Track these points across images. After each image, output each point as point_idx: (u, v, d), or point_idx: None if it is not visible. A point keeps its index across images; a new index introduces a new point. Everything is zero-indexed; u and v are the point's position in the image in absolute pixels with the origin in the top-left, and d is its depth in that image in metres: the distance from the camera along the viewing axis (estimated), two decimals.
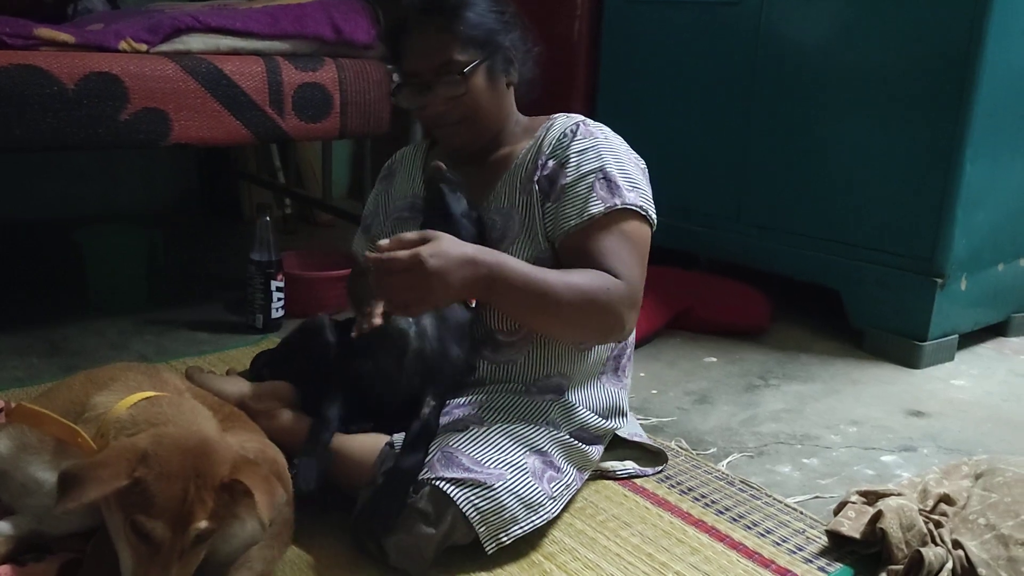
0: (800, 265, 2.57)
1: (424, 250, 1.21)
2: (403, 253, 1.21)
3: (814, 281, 2.56)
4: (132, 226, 2.72)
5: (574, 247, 1.46)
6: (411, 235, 1.25)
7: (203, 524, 1.05)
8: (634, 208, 1.46)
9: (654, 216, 1.51)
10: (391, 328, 1.41)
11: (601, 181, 1.46)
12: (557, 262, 1.48)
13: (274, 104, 2.28)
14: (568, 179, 1.47)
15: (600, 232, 1.44)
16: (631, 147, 1.57)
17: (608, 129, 1.56)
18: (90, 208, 3.44)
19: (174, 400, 1.21)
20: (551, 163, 1.51)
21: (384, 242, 1.24)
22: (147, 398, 1.20)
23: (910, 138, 2.28)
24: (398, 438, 1.39)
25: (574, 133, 1.51)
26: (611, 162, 1.48)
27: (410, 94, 1.53)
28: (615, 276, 1.40)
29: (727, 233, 2.75)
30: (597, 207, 1.44)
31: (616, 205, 1.44)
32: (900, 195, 2.32)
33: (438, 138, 1.61)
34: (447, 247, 1.25)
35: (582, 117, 1.57)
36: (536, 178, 1.51)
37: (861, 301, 2.43)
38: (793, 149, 2.55)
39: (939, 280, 2.26)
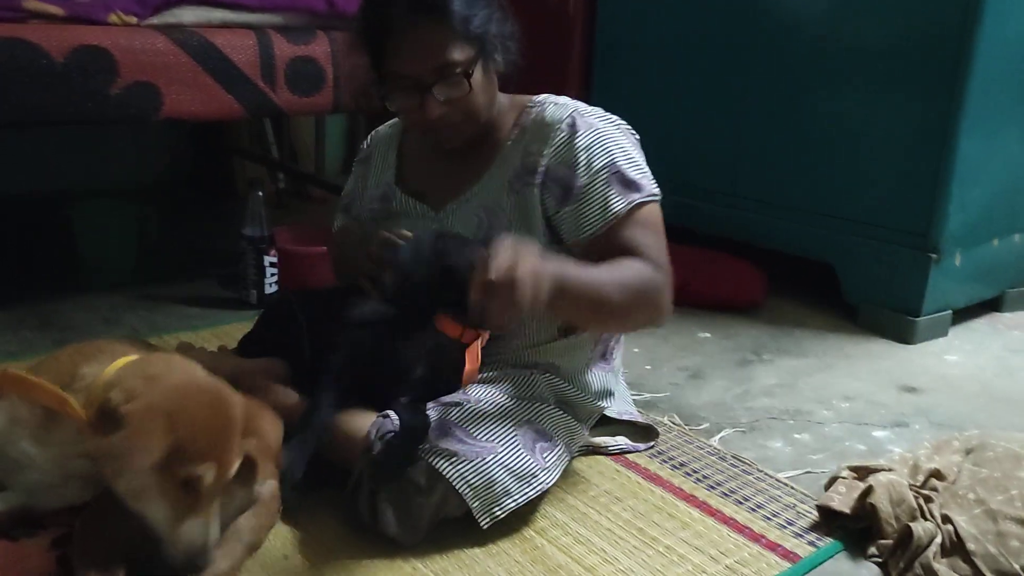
0: (794, 240, 2.57)
1: (520, 270, 1.15)
2: (500, 274, 1.14)
3: (808, 256, 2.55)
4: (124, 200, 2.71)
5: (602, 247, 1.45)
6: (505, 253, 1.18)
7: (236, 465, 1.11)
8: (649, 197, 1.47)
9: (659, 192, 1.51)
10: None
11: (615, 176, 1.45)
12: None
13: (266, 78, 2.26)
14: (582, 180, 1.45)
15: (624, 229, 1.45)
16: (627, 122, 1.56)
17: (599, 110, 1.53)
18: (82, 182, 3.41)
19: (163, 357, 1.23)
20: (555, 164, 1.47)
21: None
22: (135, 360, 1.20)
23: (905, 113, 2.27)
24: (390, 413, 1.38)
25: (572, 127, 1.47)
26: (618, 153, 1.47)
27: (402, 97, 1.47)
28: (653, 265, 1.41)
29: (722, 208, 2.75)
30: (618, 205, 1.44)
31: (635, 200, 1.45)
32: (895, 170, 2.31)
33: (433, 140, 1.54)
34: (537, 262, 1.19)
35: (573, 104, 1.52)
36: (538, 182, 1.47)
37: (855, 276, 2.42)
38: (789, 124, 2.54)
39: (933, 255, 2.26)
